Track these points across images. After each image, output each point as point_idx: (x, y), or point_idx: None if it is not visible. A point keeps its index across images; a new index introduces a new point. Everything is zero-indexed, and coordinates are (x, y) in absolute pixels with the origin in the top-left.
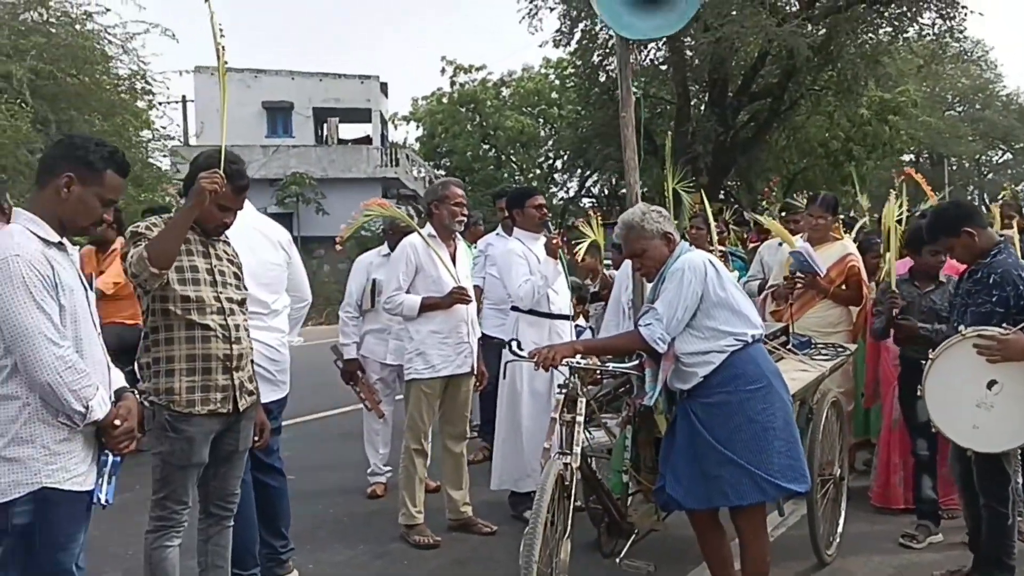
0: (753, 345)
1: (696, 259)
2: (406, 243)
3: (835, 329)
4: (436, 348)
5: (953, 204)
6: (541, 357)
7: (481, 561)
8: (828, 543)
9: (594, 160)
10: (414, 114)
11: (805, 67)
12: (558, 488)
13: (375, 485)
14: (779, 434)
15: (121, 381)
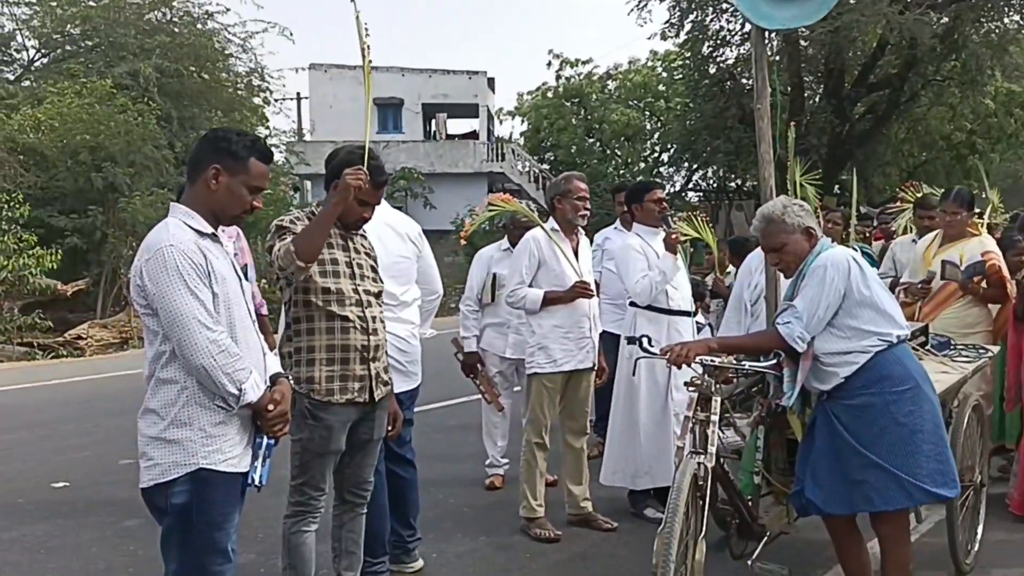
0: (899, 345)
1: (839, 256)
2: (529, 237)
3: (973, 330)
4: (558, 343)
5: None
6: (674, 354)
7: (603, 557)
8: (967, 552)
9: (702, 153)
10: (519, 109)
11: (927, 57)
12: (692, 488)
13: (493, 477)
14: (928, 437)
15: (276, 367)
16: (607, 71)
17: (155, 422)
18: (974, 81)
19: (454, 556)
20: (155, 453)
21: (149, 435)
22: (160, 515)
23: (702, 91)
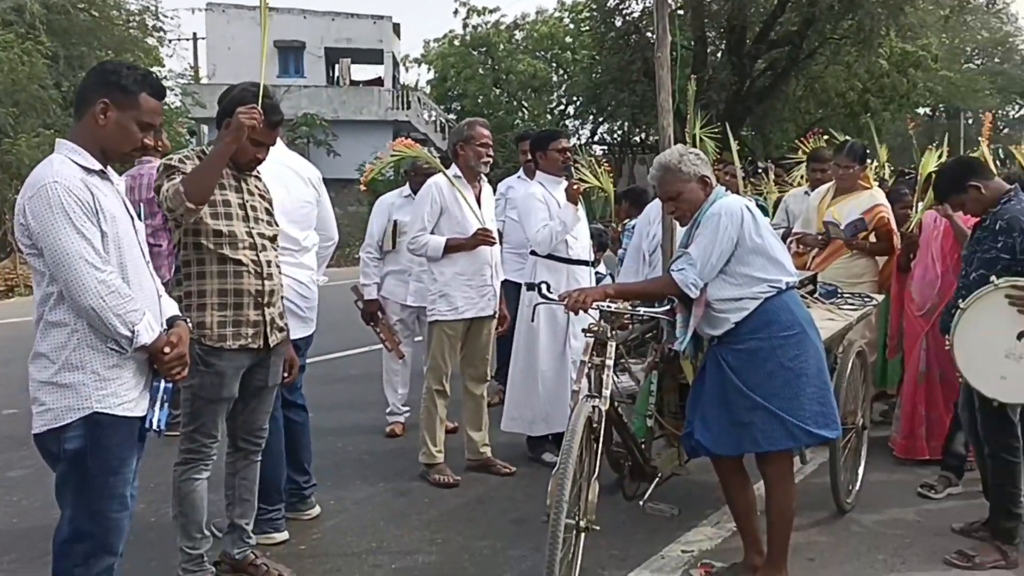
0: (787, 292)
1: (733, 204)
2: (431, 183)
3: (860, 279)
4: (460, 290)
5: (956, 162)
6: (572, 300)
7: (501, 501)
8: (848, 491)
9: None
10: (426, 56)
11: (825, 15)
12: (586, 430)
13: (394, 424)
14: (812, 381)
15: (173, 309)
16: (514, 20)
17: (46, 366)
18: (869, 40)
19: (352, 503)
20: (47, 398)
21: (40, 380)
22: (54, 462)
23: (608, 44)
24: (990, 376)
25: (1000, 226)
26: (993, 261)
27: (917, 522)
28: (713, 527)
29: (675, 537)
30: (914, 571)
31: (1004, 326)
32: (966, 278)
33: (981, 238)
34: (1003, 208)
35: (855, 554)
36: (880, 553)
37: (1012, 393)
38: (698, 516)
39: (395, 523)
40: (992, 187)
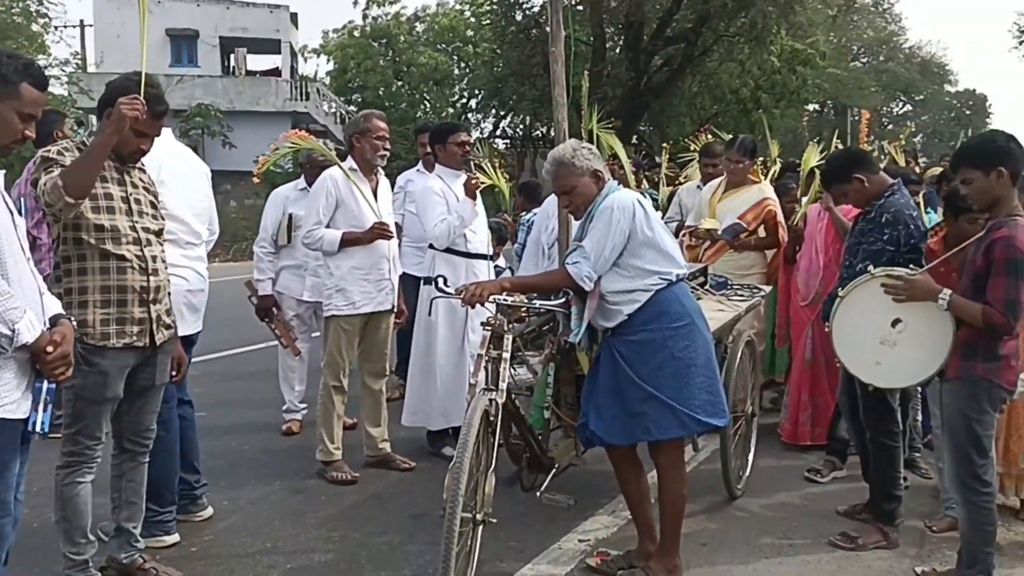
0: (677, 284)
1: (625, 198)
2: (326, 176)
3: (749, 271)
4: (357, 284)
5: (842, 153)
6: (468, 294)
7: (399, 496)
8: (739, 477)
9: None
10: (325, 47)
11: (719, 13)
12: (483, 423)
13: (291, 422)
14: (701, 371)
15: (57, 308)
16: (415, 13)
17: None
18: (761, 38)
19: (247, 502)
20: None
21: None
22: None
23: (508, 38)
24: (866, 362)
25: (886, 219)
26: (879, 253)
27: (804, 506)
28: (609, 516)
29: (572, 527)
30: (801, 554)
31: (880, 314)
32: (851, 269)
33: (866, 230)
34: (888, 201)
35: (745, 539)
36: (769, 537)
37: (886, 378)
38: (595, 505)
39: (291, 522)
40: (875, 180)
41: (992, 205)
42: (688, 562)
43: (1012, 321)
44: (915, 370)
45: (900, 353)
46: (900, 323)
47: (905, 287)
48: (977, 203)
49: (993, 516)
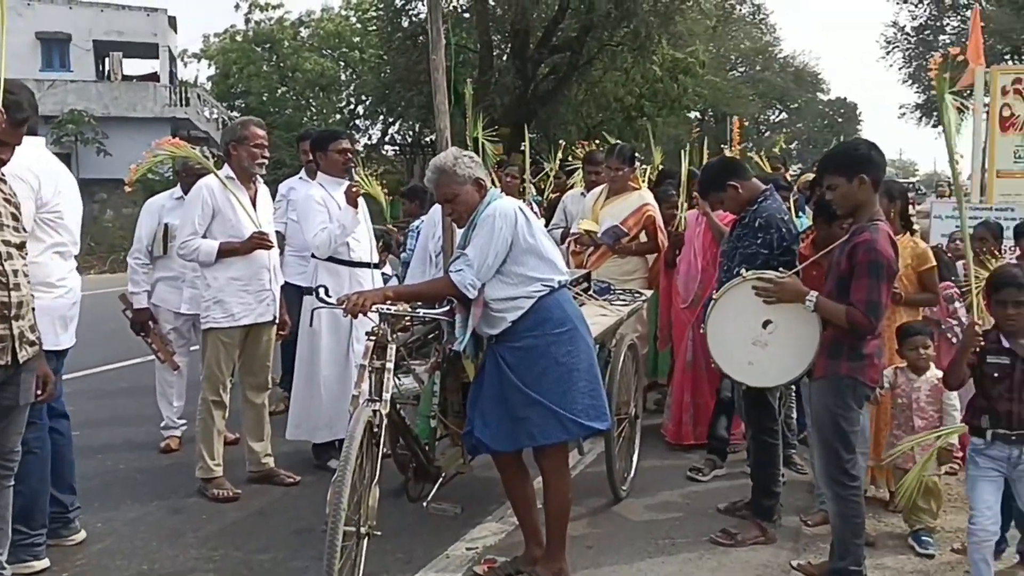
0: (559, 290)
1: (507, 206)
2: (202, 184)
3: (631, 276)
4: (236, 296)
5: (717, 162)
6: (350, 303)
7: (283, 511)
8: (624, 479)
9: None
10: (206, 51)
11: (603, 22)
12: (367, 435)
13: (169, 439)
14: (583, 375)
15: None
16: (299, 17)
17: None
18: (644, 47)
19: (122, 524)
20: None
21: None
22: None
23: (395, 44)
24: (739, 362)
25: (759, 223)
26: (754, 256)
27: (686, 504)
28: (497, 522)
29: (460, 535)
30: (683, 552)
31: (751, 315)
32: (728, 272)
33: (741, 235)
34: (761, 207)
35: (629, 540)
36: (653, 536)
37: (758, 378)
38: (483, 513)
39: (169, 543)
40: (749, 187)
41: (855, 210)
42: (574, 565)
43: (874, 321)
44: (785, 369)
45: (771, 353)
46: (771, 324)
47: (774, 289)
48: (841, 208)
49: (861, 509)
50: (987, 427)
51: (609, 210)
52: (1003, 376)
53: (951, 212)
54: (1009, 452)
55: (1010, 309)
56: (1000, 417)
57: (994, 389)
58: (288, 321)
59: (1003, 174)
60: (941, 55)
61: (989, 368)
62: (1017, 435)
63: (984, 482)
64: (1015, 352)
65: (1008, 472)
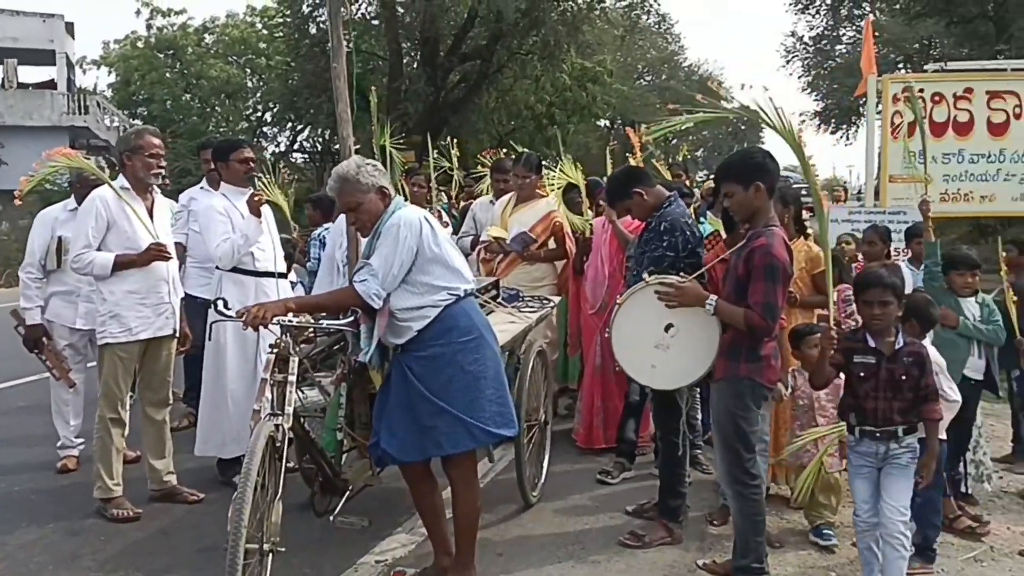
0: (465, 299)
1: (411, 215)
2: (95, 196)
3: (540, 283)
4: (133, 310)
5: (622, 170)
6: (250, 316)
7: (187, 530)
8: (534, 485)
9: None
10: (106, 58)
11: (512, 31)
12: (269, 450)
13: (66, 459)
14: (490, 383)
15: None
16: (203, 24)
17: None
18: (553, 56)
19: (16, 547)
20: None
21: None
22: None
23: (303, 51)
24: (643, 365)
25: (664, 227)
26: (660, 259)
27: (596, 508)
28: (407, 534)
29: (369, 548)
30: (592, 555)
31: (654, 319)
32: (637, 277)
33: (648, 239)
34: (665, 212)
35: (540, 545)
36: (563, 541)
37: (661, 380)
38: (392, 525)
39: (66, 566)
40: (654, 193)
41: (752, 216)
42: (484, 573)
43: (770, 323)
44: (687, 372)
45: (673, 356)
46: (672, 328)
47: (675, 293)
48: (738, 215)
49: (762, 507)
50: (855, 424)
51: (518, 217)
52: (869, 375)
53: (846, 216)
54: (876, 448)
55: (876, 309)
56: (866, 415)
57: (861, 388)
58: (189, 335)
59: (895, 179)
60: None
61: (856, 367)
62: (882, 432)
63: (858, 478)
64: (881, 351)
65: (878, 466)
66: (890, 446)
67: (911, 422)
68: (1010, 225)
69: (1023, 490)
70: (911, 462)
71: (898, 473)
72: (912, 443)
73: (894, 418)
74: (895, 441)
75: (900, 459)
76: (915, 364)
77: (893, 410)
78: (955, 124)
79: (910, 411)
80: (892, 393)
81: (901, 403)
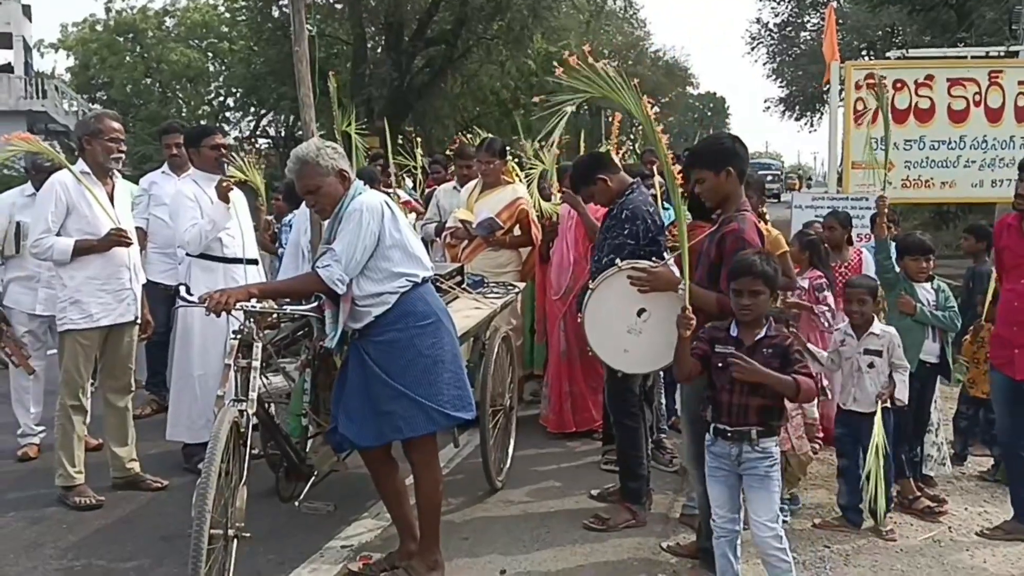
0: (423, 284)
1: (373, 200)
2: (55, 180)
3: (505, 269)
4: (94, 296)
5: (588, 157)
6: (213, 301)
7: (150, 517)
8: (500, 469)
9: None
10: (64, 42)
11: (477, 16)
12: (233, 435)
13: (27, 447)
14: (448, 367)
15: None
16: (164, 7)
17: None
18: (518, 41)
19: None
20: None
21: None
22: None
23: (266, 35)
24: (615, 350)
25: (625, 215)
26: (621, 246)
27: (562, 492)
28: (373, 519)
29: (335, 533)
30: (558, 539)
31: (627, 304)
32: (598, 263)
33: (610, 226)
34: (627, 199)
35: (506, 529)
36: (528, 525)
37: (634, 364)
38: (358, 510)
39: (27, 555)
40: (617, 180)
41: (723, 201)
42: (450, 556)
43: None
44: (659, 356)
45: (645, 340)
46: (645, 312)
47: (648, 278)
48: (710, 200)
49: None
50: (710, 421)
51: (484, 203)
52: (725, 365)
53: (810, 203)
54: (729, 449)
55: (745, 299)
56: (720, 410)
57: (718, 379)
58: (151, 321)
59: (858, 165)
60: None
61: (715, 357)
62: (735, 431)
63: (713, 481)
64: (741, 340)
65: (736, 471)
66: (743, 448)
67: (768, 424)
68: (970, 211)
69: (981, 472)
70: (770, 471)
71: (759, 485)
72: (770, 448)
73: (748, 417)
74: (748, 443)
75: (758, 469)
76: (775, 355)
77: (749, 407)
78: (916, 111)
79: (770, 411)
80: (750, 388)
81: (758, 400)
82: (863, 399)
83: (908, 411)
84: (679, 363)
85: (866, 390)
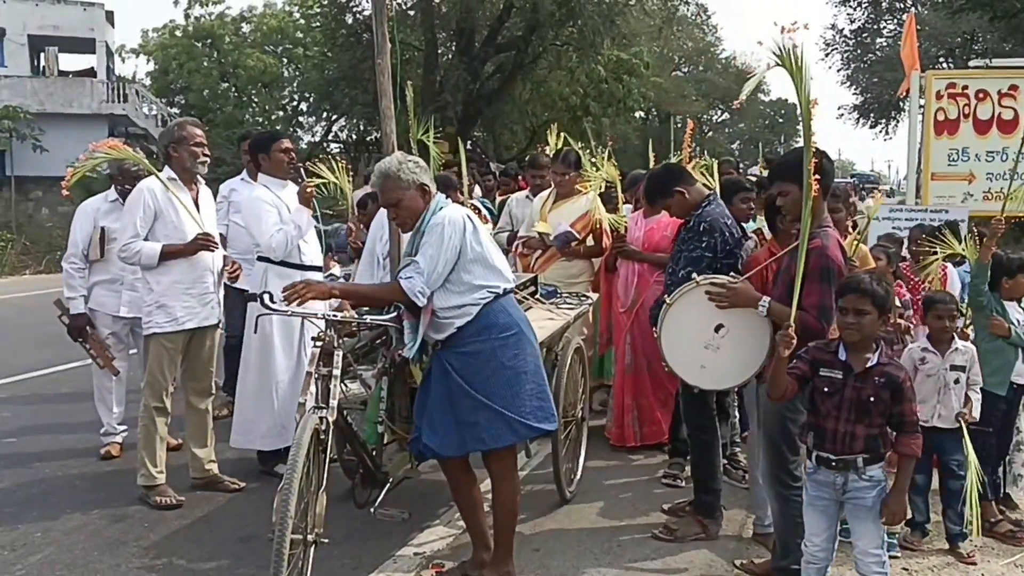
0: (504, 296)
1: (455, 214)
2: (143, 187)
3: (577, 280)
4: (179, 299)
5: (663, 168)
6: (292, 290)
7: (228, 519)
8: (571, 480)
9: (341, 104)
10: (145, 47)
11: (548, 21)
12: (314, 442)
13: (110, 445)
14: (530, 378)
15: None
16: (241, 13)
17: None
18: (589, 47)
19: (61, 533)
20: None
21: None
22: None
23: (340, 41)
24: (692, 365)
25: (703, 227)
26: (698, 259)
27: (632, 505)
28: (445, 526)
29: (408, 540)
30: (628, 553)
31: (704, 319)
32: (674, 275)
33: (687, 238)
34: (704, 211)
35: (576, 540)
36: (599, 538)
37: (710, 381)
38: (430, 517)
39: (111, 552)
40: (694, 192)
41: None
42: (522, 568)
43: (825, 325)
44: (737, 372)
45: (723, 356)
46: (723, 328)
47: (727, 294)
48: (792, 215)
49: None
50: (812, 448)
51: (558, 213)
52: (832, 391)
53: (887, 214)
54: (834, 478)
55: (850, 317)
56: (825, 437)
57: (823, 405)
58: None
59: (937, 176)
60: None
61: (820, 381)
62: (839, 460)
63: (812, 509)
64: (850, 366)
65: (838, 499)
66: (849, 477)
67: (875, 451)
68: None
69: None
70: (877, 501)
71: (864, 515)
72: (877, 476)
73: (855, 445)
74: (855, 472)
75: (864, 499)
76: (887, 386)
77: (856, 436)
78: (999, 121)
79: (876, 440)
80: (856, 416)
81: (866, 429)
82: (947, 415)
83: (991, 432)
84: (774, 382)
85: (951, 406)
